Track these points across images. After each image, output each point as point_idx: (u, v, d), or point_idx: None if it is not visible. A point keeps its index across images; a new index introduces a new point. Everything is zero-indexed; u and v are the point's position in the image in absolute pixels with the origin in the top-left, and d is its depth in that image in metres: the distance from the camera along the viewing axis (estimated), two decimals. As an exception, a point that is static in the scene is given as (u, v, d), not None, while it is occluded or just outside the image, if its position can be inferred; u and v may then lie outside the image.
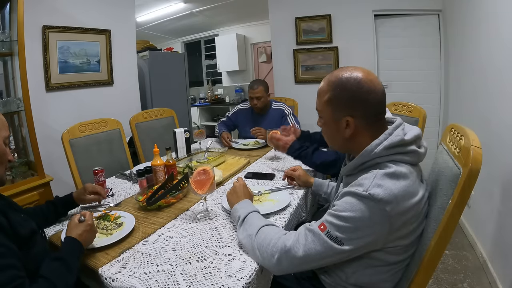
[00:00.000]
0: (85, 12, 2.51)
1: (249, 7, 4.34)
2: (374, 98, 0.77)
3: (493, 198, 1.72)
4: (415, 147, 0.78)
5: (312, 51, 3.40)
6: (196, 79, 6.16)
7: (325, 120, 0.85)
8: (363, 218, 0.69)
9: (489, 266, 1.70)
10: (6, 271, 0.66)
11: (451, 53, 2.75)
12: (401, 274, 0.84)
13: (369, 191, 0.69)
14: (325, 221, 0.74)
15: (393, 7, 3.04)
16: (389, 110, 2.01)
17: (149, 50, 3.57)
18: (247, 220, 0.89)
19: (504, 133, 1.61)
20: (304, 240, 0.75)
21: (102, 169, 1.36)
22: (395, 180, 0.71)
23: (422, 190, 0.75)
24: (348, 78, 0.78)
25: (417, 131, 0.80)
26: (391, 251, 0.77)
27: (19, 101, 1.73)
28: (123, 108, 2.74)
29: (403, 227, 0.73)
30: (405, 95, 3.05)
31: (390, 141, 0.75)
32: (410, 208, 0.71)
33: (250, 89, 2.27)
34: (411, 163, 0.77)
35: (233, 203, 1.00)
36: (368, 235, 0.70)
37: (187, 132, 1.86)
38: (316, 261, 0.74)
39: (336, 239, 0.71)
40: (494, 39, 1.75)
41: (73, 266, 0.78)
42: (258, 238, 0.81)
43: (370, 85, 0.76)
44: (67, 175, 1.73)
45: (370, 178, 0.72)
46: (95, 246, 0.90)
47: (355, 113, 0.78)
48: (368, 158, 0.77)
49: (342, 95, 0.78)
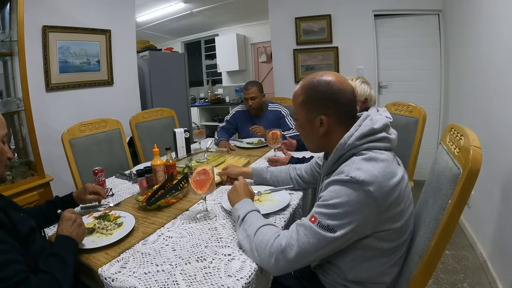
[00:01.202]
0: (85, 12, 2.51)
1: (249, 7, 4.34)
2: (345, 97, 0.84)
3: (493, 198, 1.72)
4: (385, 134, 0.82)
5: (312, 51, 3.40)
6: (196, 79, 6.16)
7: (300, 122, 0.91)
8: (350, 201, 0.72)
9: (489, 266, 1.70)
10: (10, 266, 0.67)
11: (451, 53, 2.75)
12: (399, 267, 0.85)
13: (350, 175, 0.72)
14: (314, 213, 0.77)
15: (393, 7, 3.04)
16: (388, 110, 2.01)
17: (149, 50, 3.57)
18: (246, 220, 0.90)
19: (504, 133, 1.61)
20: (296, 235, 0.76)
21: (102, 169, 1.36)
22: (373, 162, 0.75)
23: (400, 172, 0.79)
24: (319, 80, 0.85)
25: (385, 120, 0.84)
26: (383, 237, 0.78)
27: (19, 101, 1.73)
28: (123, 108, 2.74)
29: (390, 208, 0.74)
30: (405, 95, 3.05)
31: (360, 131, 0.80)
32: (393, 187, 0.74)
33: (244, 90, 2.29)
34: (384, 148, 0.81)
35: (234, 202, 1.01)
36: (358, 218, 0.72)
37: (187, 132, 1.86)
38: (311, 254, 0.75)
39: (328, 227, 0.73)
40: (494, 39, 1.75)
41: (69, 260, 0.79)
42: (256, 239, 0.82)
43: (339, 86, 0.84)
44: (67, 175, 1.73)
45: (349, 165, 0.76)
46: (95, 246, 0.90)
47: (328, 111, 0.84)
48: (343, 151, 0.81)
49: (315, 95, 0.85)
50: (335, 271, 0.87)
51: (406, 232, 0.82)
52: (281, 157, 1.65)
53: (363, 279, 0.84)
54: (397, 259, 0.83)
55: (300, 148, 1.91)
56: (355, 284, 0.85)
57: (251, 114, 2.38)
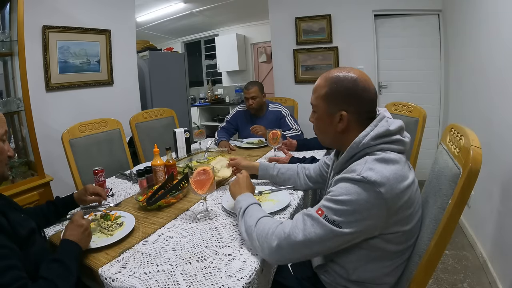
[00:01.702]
0: (85, 12, 2.51)
1: (249, 7, 4.34)
2: (368, 96, 0.83)
3: (493, 198, 1.72)
4: (399, 136, 0.81)
5: (312, 51, 3.40)
6: (196, 79, 6.16)
7: (319, 114, 0.89)
8: (359, 200, 0.71)
9: (489, 266, 1.71)
10: (8, 272, 0.66)
11: (451, 53, 2.75)
12: (402, 269, 0.85)
13: (362, 174, 0.71)
14: (322, 206, 0.76)
15: (393, 7, 3.04)
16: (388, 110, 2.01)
17: (149, 50, 3.57)
18: (248, 212, 0.91)
19: (504, 133, 1.61)
20: (303, 225, 0.76)
21: (102, 169, 1.36)
22: (385, 164, 0.74)
23: (411, 175, 0.78)
24: (346, 76, 0.83)
25: (400, 123, 0.84)
26: (391, 239, 0.78)
27: (19, 101, 1.73)
28: (123, 108, 2.74)
29: (400, 211, 0.74)
30: (405, 95, 3.05)
31: (376, 132, 0.79)
32: (404, 190, 0.73)
33: (245, 89, 2.29)
34: (398, 151, 0.80)
35: (236, 194, 1.02)
36: (366, 218, 0.72)
37: (187, 132, 1.87)
38: (316, 245, 0.74)
39: (334, 222, 0.73)
40: (494, 39, 1.75)
41: (71, 266, 0.77)
42: (257, 228, 0.83)
43: (365, 84, 0.82)
44: (67, 175, 1.73)
45: (361, 164, 0.75)
46: (95, 246, 0.90)
47: (349, 108, 0.83)
48: (357, 150, 0.80)
49: (339, 90, 0.83)
50: (338, 271, 0.87)
51: (414, 236, 0.82)
52: (281, 157, 1.66)
53: (365, 280, 0.83)
54: (401, 262, 0.83)
55: (301, 148, 1.92)
56: (357, 285, 0.85)
57: (251, 114, 2.38)
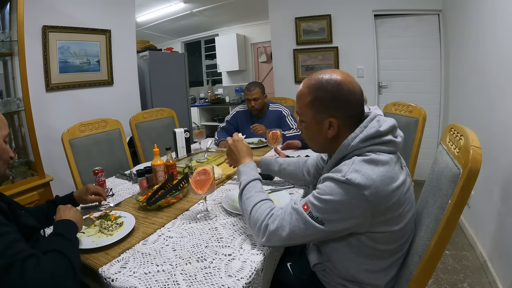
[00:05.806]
0: (85, 12, 2.51)
1: (249, 7, 4.34)
2: (354, 99, 0.80)
3: (493, 198, 1.72)
4: (391, 137, 0.80)
5: (312, 51, 3.40)
6: (196, 79, 6.16)
7: (306, 123, 0.87)
8: (342, 201, 0.72)
9: (489, 266, 1.71)
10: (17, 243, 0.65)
11: (451, 53, 2.75)
12: (396, 269, 0.85)
13: (346, 176, 0.72)
14: (308, 201, 0.78)
15: (393, 7, 3.04)
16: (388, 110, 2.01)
17: (149, 50, 3.57)
18: (245, 192, 0.94)
19: (504, 133, 1.61)
20: (289, 218, 0.80)
21: (102, 169, 1.36)
22: (373, 165, 0.73)
23: (402, 176, 0.77)
24: (329, 80, 0.80)
25: (392, 122, 0.82)
26: (379, 238, 0.78)
27: (19, 101, 1.73)
28: (123, 108, 2.75)
29: (388, 212, 0.74)
30: (405, 95, 3.06)
31: (365, 133, 0.78)
32: (392, 192, 0.73)
33: (247, 90, 2.28)
34: (388, 152, 0.78)
35: (236, 162, 1.07)
36: (349, 218, 0.74)
37: (187, 132, 1.86)
38: (301, 238, 0.79)
39: (317, 219, 0.76)
40: (494, 39, 1.75)
41: (74, 240, 0.80)
42: (251, 217, 0.87)
43: (349, 86, 0.80)
44: (67, 175, 1.73)
45: (348, 164, 0.75)
46: (95, 246, 0.90)
47: (337, 113, 0.81)
48: (346, 152, 0.80)
49: (324, 97, 0.81)
50: (333, 269, 0.88)
51: (405, 236, 0.82)
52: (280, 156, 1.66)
53: (359, 279, 0.84)
54: (394, 261, 0.83)
55: (306, 147, 1.92)
56: (353, 284, 0.85)
57: (252, 114, 2.38)
